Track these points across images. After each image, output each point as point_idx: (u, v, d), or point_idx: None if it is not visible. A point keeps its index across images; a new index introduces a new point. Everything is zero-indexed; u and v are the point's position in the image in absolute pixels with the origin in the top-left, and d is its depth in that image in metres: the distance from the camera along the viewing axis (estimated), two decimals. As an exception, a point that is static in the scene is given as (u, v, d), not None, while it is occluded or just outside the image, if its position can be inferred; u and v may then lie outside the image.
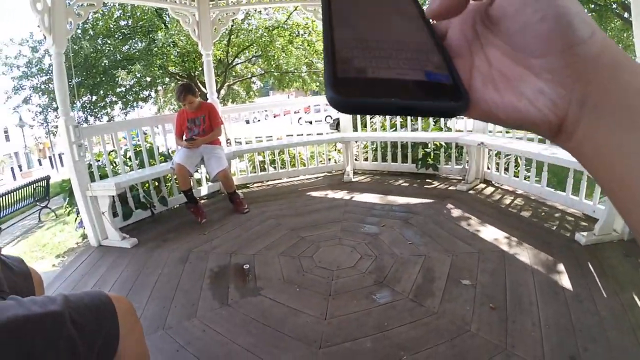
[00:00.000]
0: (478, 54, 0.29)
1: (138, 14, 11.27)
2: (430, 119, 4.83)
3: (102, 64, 11.58)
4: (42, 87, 12.38)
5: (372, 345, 1.95)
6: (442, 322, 2.08)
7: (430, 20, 0.32)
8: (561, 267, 2.50)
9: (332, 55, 0.27)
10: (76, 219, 4.56)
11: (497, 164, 4.37)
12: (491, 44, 0.29)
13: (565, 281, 2.35)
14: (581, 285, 2.30)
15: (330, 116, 11.47)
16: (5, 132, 31.11)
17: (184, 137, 4.12)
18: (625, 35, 12.46)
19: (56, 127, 13.41)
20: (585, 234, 2.79)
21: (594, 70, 0.25)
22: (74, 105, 3.33)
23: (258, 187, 5.14)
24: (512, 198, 3.83)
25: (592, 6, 11.78)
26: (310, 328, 2.12)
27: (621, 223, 2.74)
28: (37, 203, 7.91)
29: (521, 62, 0.27)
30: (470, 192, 4.09)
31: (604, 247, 2.70)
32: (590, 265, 2.50)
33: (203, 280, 2.73)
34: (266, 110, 5.51)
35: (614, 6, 11.48)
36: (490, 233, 3.08)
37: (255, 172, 5.26)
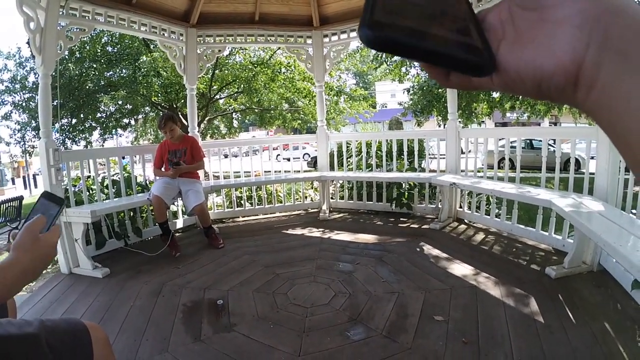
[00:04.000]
0: (509, 27, 0.30)
1: (126, 41, 11.34)
2: (405, 160, 5.00)
3: (86, 87, 11.49)
4: (24, 104, 12.09)
5: (344, 383, 1.96)
6: (415, 358, 2.11)
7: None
8: (532, 300, 2.58)
9: (373, 2, 0.28)
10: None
11: (469, 202, 4.52)
12: (520, 16, 0.30)
13: (536, 313, 2.43)
14: (552, 317, 2.37)
15: (308, 154, 11.65)
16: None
17: (163, 169, 4.12)
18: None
19: (33, 146, 13.09)
20: (555, 267, 2.90)
21: (616, 13, 0.24)
22: (54, 126, 3.32)
23: (234, 222, 5.14)
24: (484, 235, 3.96)
25: None
26: (284, 365, 2.12)
27: (590, 255, 2.87)
28: (8, 223, 7.62)
29: (543, 18, 0.27)
30: (444, 230, 4.20)
31: (574, 279, 2.81)
32: (560, 297, 2.59)
33: (176, 315, 2.69)
34: (245, 147, 5.57)
35: None
36: (462, 270, 3.17)
37: (231, 208, 5.28)
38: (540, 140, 13.13)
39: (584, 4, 0.25)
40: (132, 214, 4.27)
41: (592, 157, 3.21)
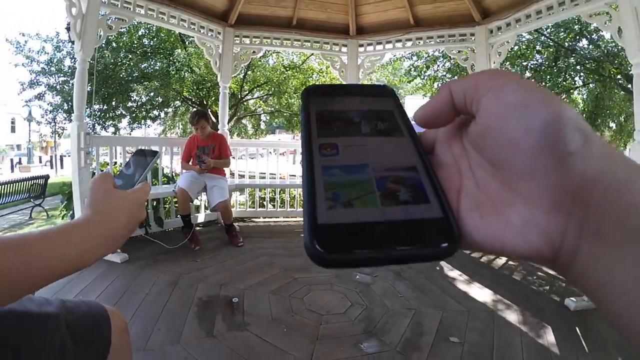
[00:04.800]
0: (466, 174, 0.27)
1: (162, 34, 11.60)
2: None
3: (120, 76, 11.78)
4: (58, 87, 12.46)
5: (355, 396, 1.93)
6: (427, 380, 2.06)
7: (418, 137, 0.30)
8: (549, 330, 2.50)
9: (312, 197, 0.25)
10: (68, 223, 4.53)
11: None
12: (478, 163, 0.27)
13: (552, 345, 2.35)
14: (568, 349, 2.30)
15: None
16: (12, 122, 31.17)
17: (190, 163, 4.17)
18: (628, 104, 12.88)
19: (63, 128, 13.46)
20: (575, 299, 2.81)
21: (593, 187, 0.21)
22: (86, 111, 3.36)
23: (254, 222, 5.16)
24: (506, 260, 3.84)
25: (597, 77, 12.21)
26: (295, 370, 2.09)
27: None
28: (32, 200, 7.82)
29: (508, 185, 0.24)
30: (465, 251, 4.09)
31: (592, 313, 2.70)
32: (578, 330, 2.51)
33: (190, 307, 2.69)
34: (271, 148, 5.60)
35: (618, 77, 11.91)
36: (481, 293, 3.09)
37: (253, 207, 5.29)
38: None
39: (557, 179, 0.22)
40: (155, 204, 4.32)
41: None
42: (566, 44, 11.99)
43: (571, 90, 13.16)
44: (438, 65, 13.41)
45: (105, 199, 0.66)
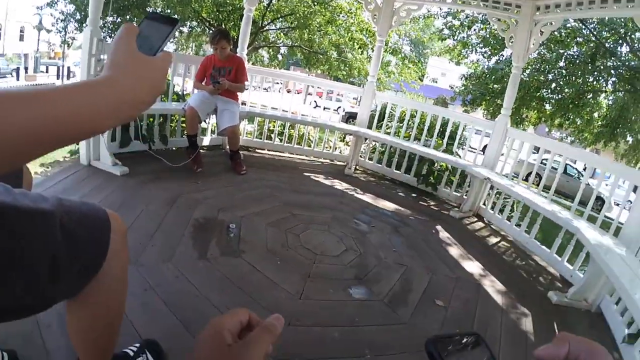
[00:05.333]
0: None
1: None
2: (445, 141, 4.83)
3: (137, -12, 11.27)
4: None
5: (339, 336, 1.96)
6: (409, 334, 2.09)
7: None
8: (529, 317, 2.52)
9: None
10: (70, 133, 4.45)
11: (494, 202, 4.39)
12: None
13: (529, 332, 2.38)
14: (543, 340, 2.29)
15: (342, 108, 11.41)
16: (21, 31, 30.21)
17: (204, 83, 4.03)
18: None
19: (73, 38, 13.00)
20: (558, 293, 2.82)
21: None
22: (101, 18, 3.16)
23: (259, 153, 5.10)
24: (499, 239, 3.85)
25: (629, 87, 11.85)
26: (284, 303, 2.11)
27: (594, 295, 2.80)
28: None
29: None
30: (462, 221, 4.11)
31: (571, 311, 2.73)
32: (555, 325, 2.53)
33: (186, 228, 2.69)
34: (280, 83, 5.42)
35: None
36: (471, 265, 3.11)
37: (261, 139, 5.21)
38: (573, 167, 12.87)
39: None
40: (162, 120, 4.23)
41: (617, 204, 3.06)
42: (607, 44, 11.47)
43: (599, 92, 12.76)
44: (473, 31, 12.85)
45: (128, 62, 0.57)
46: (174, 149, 4.38)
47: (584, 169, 14.46)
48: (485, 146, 4.78)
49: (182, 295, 2.01)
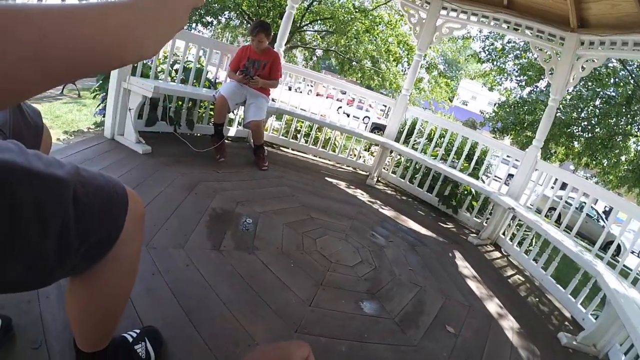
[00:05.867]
0: None
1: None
2: (472, 165, 4.72)
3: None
4: None
5: (346, 351, 1.87)
6: (417, 357, 2.00)
7: None
8: (538, 357, 2.42)
9: None
10: (99, 105, 4.46)
11: (514, 234, 4.27)
12: None
13: None
14: None
15: (368, 117, 11.31)
16: None
17: (237, 73, 3.97)
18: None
19: None
20: (568, 335, 2.72)
21: None
22: None
23: (283, 151, 5.05)
24: (515, 272, 3.73)
25: None
26: (293, 308, 2.03)
27: (603, 342, 2.69)
28: None
29: None
30: (479, 248, 3.99)
31: (579, 355, 2.62)
32: None
33: (202, 216, 2.63)
34: (312, 85, 5.37)
35: None
36: (485, 294, 3.00)
37: (286, 137, 5.17)
38: (593, 208, 12.55)
39: None
40: (190, 105, 4.21)
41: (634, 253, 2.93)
42: None
43: (630, 136, 12.47)
44: (512, 57, 12.70)
45: None
46: (198, 135, 4.36)
47: (605, 212, 14.14)
48: (509, 176, 4.65)
49: (190, 284, 1.94)
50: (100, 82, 4.21)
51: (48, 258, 0.76)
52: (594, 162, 13.18)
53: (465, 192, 4.70)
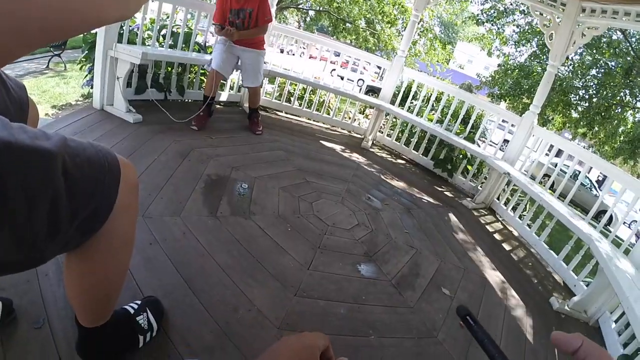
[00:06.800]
0: None
1: None
2: (468, 128, 4.69)
3: None
4: None
5: (344, 313, 1.90)
6: (414, 319, 2.04)
7: None
8: (530, 319, 2.48)
9: None
10: (86, 76, 4.31)
11: (508, 199, 4.29)
12: None
13: (529, 333, 2.33)
14: (540, 344, 2.27)
15: (362, 80, 11.12)
16: None
17: (214, 29, 3.62)
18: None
19: None
20: (559, 300, 2.77)
21: None
22: None
23: (276, 115, 4.98)
24: (509, 236, 3.77)
25: None
26: (291, 272, 2.04)
27: (594, 308, 2.74)
28: (51, 49, 7.41)
29: None
30: (474, 212, 4.01)
31: (570, 321, 2.68)
32: (553, 330, 2.47)
33: (197, 183, 2.60)
34: (304, 47, 5.21)
35: None
36: (479, 257, 3.04)
37: (279, 100, 5.06)
38: (587, 177, 12.66)
39: None
40: (180, 70, 4.08)
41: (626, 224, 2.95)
42: None
43: (627, 108, 12.37)
44: (509, 19, 12.41)
45: None
46: (189, 100, 4.26)
47: (597, 182, 14.25)
48: (505, 141, 4.63)
49: (188, 252, 1.94)
50: (86, 52, 4.06)
51: (38, 234, 0.73)
52: (590, 132, 13.16)
53: (461, 156, 4.69)
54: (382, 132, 5.28)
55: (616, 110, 12.37)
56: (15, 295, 1.38)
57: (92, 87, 3.55)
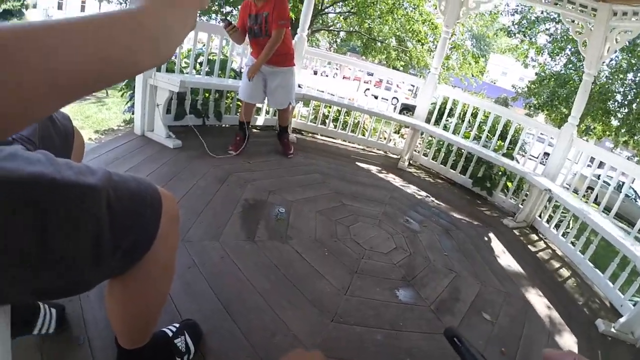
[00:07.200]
0: None
1: None
2: (506, 144, 4.57)
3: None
4: None
5: (381, 339, 1.87)
6: (455, 346, 1.97)
7: None
8: (574, 343, 2.36)
9: None
10: (127, 102, 4.53)
11: (550, 216, 4.12)
12: None
13: None
14: None
15: (397, 98, 11.11)
16: (83, 2, 31.62)
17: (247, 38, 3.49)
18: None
19: None
20: (605, 322, 2.61)
21: None
22: None
23: (312, 137, 5.03)
24: (552, 255, 3.61)
25: None
26: (329, 297, 2.04)
27: None
28: None
29: None
30: (515, 231, 3.88)
31: (617, 344, 2.52)
32: (599, 355, 2.35)
33: (235, 207, 2.67)
34: (338, 67, 5.26)
35: None
36: (521, 279, 2.92)
37: (315, 123, 5.13)
38: (631, 188, 11.98)
39: None
40: (217, 96, 4.23)
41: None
42: None
43: None
44: (541, 29, 12.13)
45: None
46: (227, 125, 4.39)
47: None
48: (545, 154, 4.48)
49: (226, 277, 1.98)
50: (127, 80, 4.28)
51: (85, 264, 0.77)
52: (632, 140, 12.52)
53: (500, 173, 4.57)
54: (418, 152, 5.24)
55: None
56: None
57: (133, 114, 3.72)
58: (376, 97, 6.26)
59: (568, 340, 2.37)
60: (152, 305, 1.12)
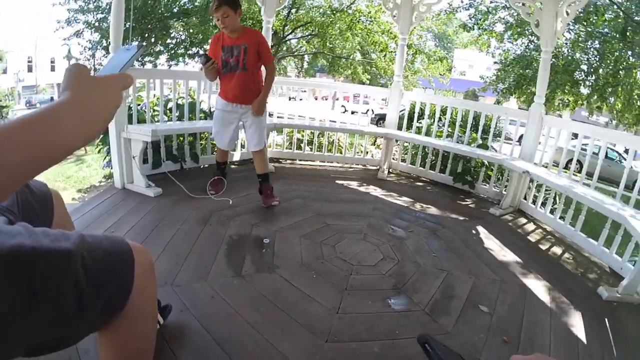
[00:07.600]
0: None
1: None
2: (479, 135, 4.66)
3: (159, 12, 11.63)
4: (96, 24, 12.38)
5: (378, 351, 1.88)
6: (453, 344, 1.98)
7: None
8: (579, 317, 2.37)
9: None
10: (105, 157, 4.58)
11: (535, 196, 4.18)
12: None
13: (580, 332, 2.23)
14: (595, 342, 2.16)
15: (372, 110, 11.28)
16: (52, 62, 31.78)
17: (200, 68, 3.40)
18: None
19: (100, 64, 13.52)
20: (608, 288, 2.65)
21: None
22: (124, 43, 3.10)
23: (291, 164, 5.09)
24: (543, 235, 3.66)
25: None
26: (320, 319, 2.06)
27: None
28: None
29: None
30: (503, 218, 3.93)
31: (623, 307, 2.54)
32: (607, 323, 2.36)
33: (220, 245, 2.70)
34: (305, 91, 5.37)
35: None
36: (515, 265, 2.95)
37: (290, 149, 5.20)
38: (614, 150, 12.15)
39: None
40: (191, 139, 4.29)
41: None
42: (636, 17, 10.77)
43: (633, 70, 11.92)
44: (496, 18, 12.45)
45: (82, 82, 0.61)
46: (205, 166, 4.43)
47: (625, 151, 13.61)
48: (521, 136, 4.57)
49: (217, 315, 1.99)
50: (102, 135, 4.34)
51: (69, 320, 0.87)
52: (605, 104, 12.73)
53: (479, 164, 4.65)
54: (395, 159, 5.31)
55: (622, 75, 11.82)
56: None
57: (111, 168, 3.76)
58: (353, 113, 6.36)
59: (572, 314, 2.39)
60: (142, 350, 1.16)
